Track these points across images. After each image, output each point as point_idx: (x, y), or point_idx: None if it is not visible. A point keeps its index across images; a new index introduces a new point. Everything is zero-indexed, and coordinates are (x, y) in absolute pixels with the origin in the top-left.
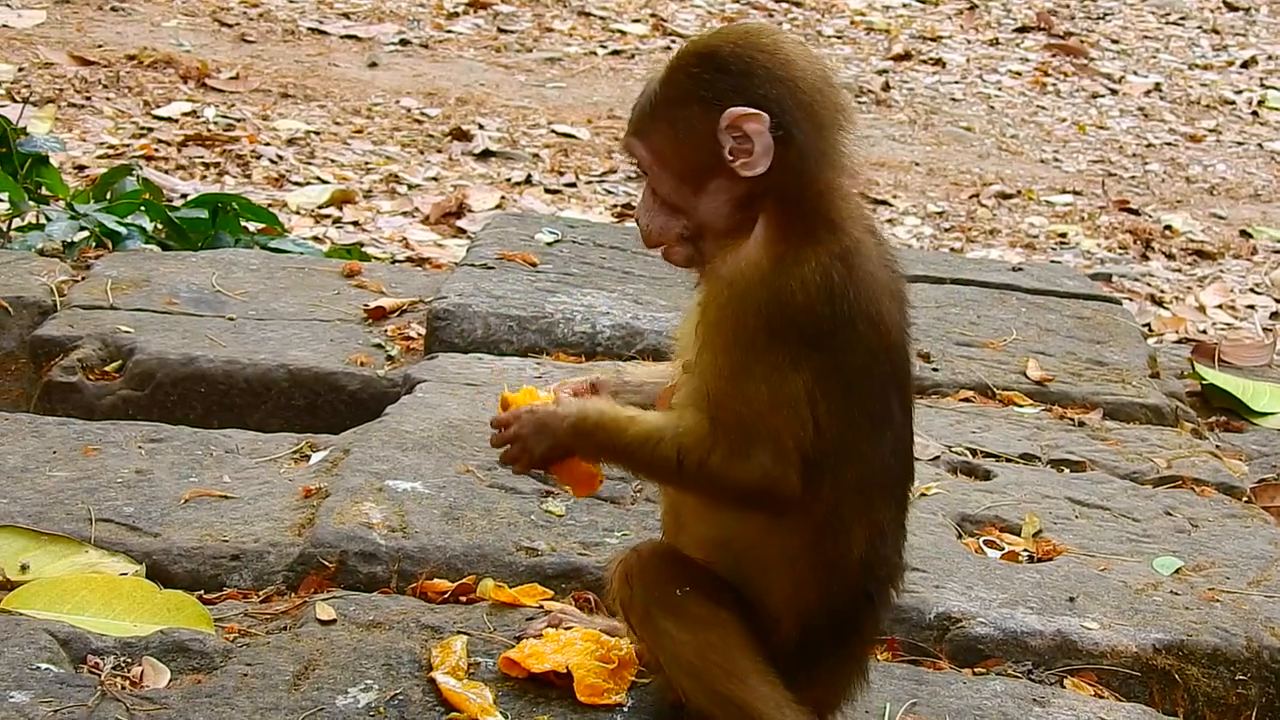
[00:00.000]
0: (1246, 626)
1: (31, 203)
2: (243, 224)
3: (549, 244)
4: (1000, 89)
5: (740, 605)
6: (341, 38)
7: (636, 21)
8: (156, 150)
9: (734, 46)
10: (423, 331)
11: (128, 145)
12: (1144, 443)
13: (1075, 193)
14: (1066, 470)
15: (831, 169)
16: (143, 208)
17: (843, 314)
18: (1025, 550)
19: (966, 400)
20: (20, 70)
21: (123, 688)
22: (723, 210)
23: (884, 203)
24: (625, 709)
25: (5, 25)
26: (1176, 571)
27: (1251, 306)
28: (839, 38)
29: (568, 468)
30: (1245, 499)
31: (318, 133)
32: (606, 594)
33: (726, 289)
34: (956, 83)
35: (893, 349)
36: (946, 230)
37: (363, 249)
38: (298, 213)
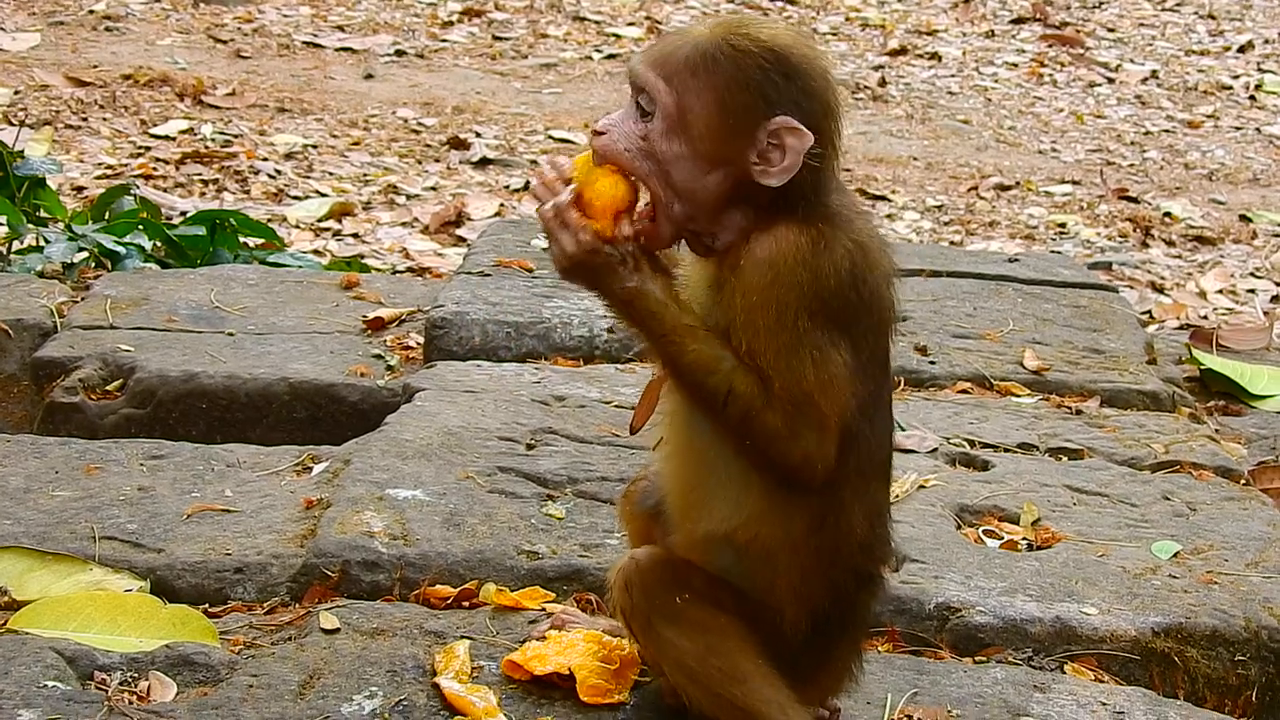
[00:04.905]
0: (1245, 607)
1: (30, 225)
2: (242, 240)
3: (545, 249)
4: (997, 81)
5: (743, 607)
6: (337, 50)
7: (631, 25)
8: (154, 169)
9: (802, 53)
10: (421, 340)
11: (125, 165)
12: (1141, 429)
13: (1074, 182)
14: (1065, 458)
15: (838, 168)
16: (141, 227)
17: (865, 298)
18: (1024, 539)
19: (964, 392)
20: (16, 93)
21: (130, 703)
22: (710, 189)
23: (882, 198)
24: (628, 708)
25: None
26: (1175, 555)
27: (1252, 291)
28: (834, 34)
29: None
30: (1243, 482)
31: (315, 146)
32: (607, 600)
33: (769, 270)
34: (953, 76)
35: (891, 333)
36: (946, 224)
37: (363, 261)
38: (297, 227)
